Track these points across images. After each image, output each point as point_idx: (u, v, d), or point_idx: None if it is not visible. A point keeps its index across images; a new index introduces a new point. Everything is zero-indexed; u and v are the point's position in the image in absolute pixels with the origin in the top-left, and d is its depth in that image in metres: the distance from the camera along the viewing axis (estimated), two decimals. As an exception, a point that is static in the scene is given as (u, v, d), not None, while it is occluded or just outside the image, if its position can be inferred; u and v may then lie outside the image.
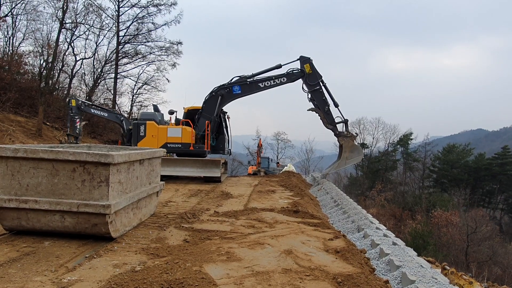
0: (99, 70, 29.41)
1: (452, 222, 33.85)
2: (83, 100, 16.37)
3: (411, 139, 50.99)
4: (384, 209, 41.48)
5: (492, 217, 45.05)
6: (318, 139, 50.70)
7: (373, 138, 52.34)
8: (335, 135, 14.06)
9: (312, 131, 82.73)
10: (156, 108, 15.02)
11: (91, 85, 28.77)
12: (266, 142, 54.12)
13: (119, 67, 29.89)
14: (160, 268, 3.96)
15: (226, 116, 14.35)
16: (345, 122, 13.93)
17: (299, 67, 13.76)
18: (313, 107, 13.80)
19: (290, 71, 13.68)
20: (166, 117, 14.69)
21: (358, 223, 6.96)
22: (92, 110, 16.27)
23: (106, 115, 16.63)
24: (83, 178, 4.64)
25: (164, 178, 12.84)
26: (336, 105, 13.80)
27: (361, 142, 48.92)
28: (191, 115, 13.80)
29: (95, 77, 29.21)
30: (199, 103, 14.06)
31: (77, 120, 15.48)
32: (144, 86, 31.77)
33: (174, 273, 3.86)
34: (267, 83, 13.49)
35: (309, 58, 13.82)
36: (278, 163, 36.66)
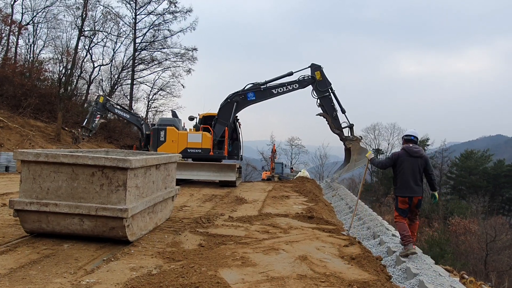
0: (116, 76, 30.04)
1: (471, 230, 33.04)
2: (109, 99, 16.95)
3: (428, 145, 50.11)
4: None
5: (513, 225, 43.85)
6: (332, 144, 50.39)
7: (388, 144, 51.76)
8: (341, 139, 14.42)
9: (326, 137, 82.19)
10: (174, 113, 15.23)
11: (108, 90, 29.38)
12: (280, 148, 54.09)
13: (135, 73, 30.45)
14: (176, 272, 4.00)
15: (238, 122, 14.49)
16: (351, 126, 14.31)
17: (310, 74, 14.04)
18: (322, 112, 14.17)
19: (302, 78, 13.99)
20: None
21: (373, 230, 6.89)
22: (116, 110, 16.77)
23: (128, 117, 17.04)
24: (102, 182, 4.73)
25: (179, 182, 13.03)
26: (343, 111, 14.19)
27: (376, 147, 48.44)
28: (206, 122, 13.97)
29: (112, 83, 29.85)
30: (214, 109, 14.25)
31: (98, 115, 15.95)
32: (159, 92, 32.27)
33: (190, 277, 3.89)
34: (280, 90, 13.69)
35: (320, 66, 14.20)
36: (292, 168, 36.58)
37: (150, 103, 32.19)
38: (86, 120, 16.21)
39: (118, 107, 17.58)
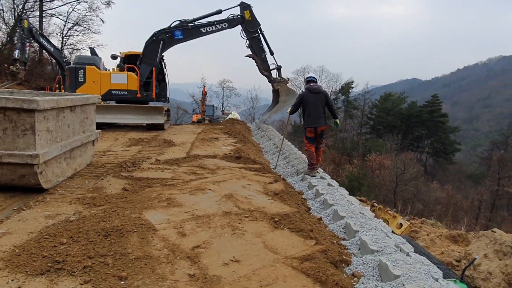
0: (20, 6, 26.08)
1: (384, 165, 36.76)
2: (34, 26, 15.02)
3: (352, 88, 52.99)
4: (325, 154, 43.69)
5: (419, 159, 49.57)
6: (264, 87, 50.75)
7: (317, 87, 53.47)
8: (269, 81, 14.54)
9: (257, 79, 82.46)
10: (93, 51, 13.87)
11: (12, 24, 25.59)
12: (212, 90, 53.22)
13: (44, 3, 26.71)
14: (97, 217, 3.88)
15: (163, 62, 13.74)
16: (279, 68, 14.43)
17: (239, 13, 13.54)
18: (251, 53, 13.98)
19: (231, 17, 13.44)
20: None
21: (297, 167, 7.28)
22: (41, 39, 14.91)
23: (52, 49, 15.27)
24: (5, 126, 4.25)
25: (102, 126, 12.27)
26: (272, 53, 14.15)
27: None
28: (130, 61, 12.96)
29: (15, 14, 25.92)
30: (139, 48, 13.23)
31: (27, 44, 14.12)
32: (75, 27, 28.97)
33: (112, 221, 3.81)
34: (209, 28, 13.06)
35: (249, 4, 13.78)
36: (223, 111, 36.46)
37: (65, 39, 28.89)
38: (17, 50, 14.17)
39: (44, 36, 15.65)
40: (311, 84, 7.03)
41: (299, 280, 2.90)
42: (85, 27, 28.92)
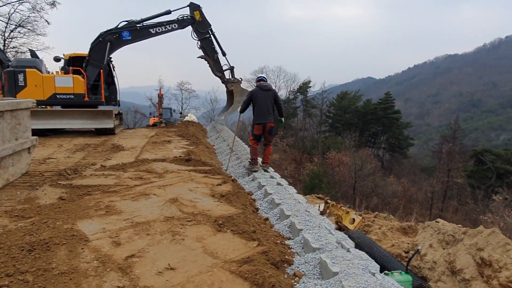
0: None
1: (343, 161, 37.72)
2: None
3: (310, 87, 53.94)
4: (286, 154, 44.22)
5: (376, 155, 51.39)
6: (222, 88, 50.46)
7: (275, 87, 54.01)
8: (222, 82, 14.42)
9: (216, 81, 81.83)
10: (34, 53, 13.00)
11: None
12: (170, 93, 52.19)
13: (-19, 3, 24.87)
14: (23, 230, 3.57)
15: (112, 64, 13.19)
16: (231, 69, 14.33)
17: (189, 14, 13.30)
18: (203, 54, 13.79)
19: (181, 17, 13.17)
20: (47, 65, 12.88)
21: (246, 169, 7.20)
22: None
23: None
24: None
25: (48, 132, 11.56)
26: (224, 54, 14.02)
27: (265, 90, 50.06)
28: (75, 63, 12.31)
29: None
30: (83, 50, 12.61)
31: None
32: (18, 29, 27.21)
33: (40, 233, 3.52)
34: (158, 29, 12.69)
35: (199, 5, 13.60)
36: (181, 113, 35.82)
37: (7, 42, 27.05)
38: None
39: None
40: (261, 82, 7.21)
41: (236, 285, 2.80)
42: (29, 29, 27.25)
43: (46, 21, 27.52)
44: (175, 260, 3.14)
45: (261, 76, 7.43)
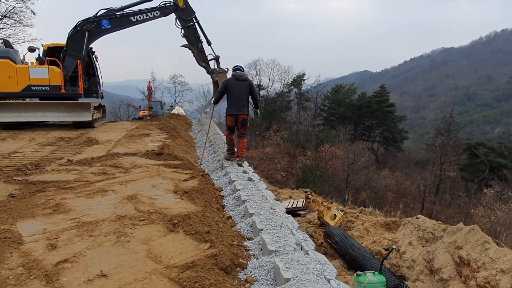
0: None
1: (337, 155, 37.47)
2: None
3: (304, 80, 53.45)
4: (280, 147, 43.95)
5: (371, 148, 51.19)
6: (216, 81, 49.89)
7: (269, 80, 53.55)
8: (208, 72, 13.74)
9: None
10: (8, 43, 12.55)
11: None
12: (163, 86, 51.69)
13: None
14: (-48, 232, 3.26)
15: (94, 55, 12.72)
16: (217, 58, 13.61)
17: (172, 0, 12.69)
18: (187, 43, 13.14)
19: (163, 4, 12.55)
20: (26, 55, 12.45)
21: (222, 162, 6.89)
22: None
23: None
24: None
25: (22, 125, 11.18)
26: (209, 43, 13.33)
27: (258, 83, 49.68)
28: (53, 54, 11.86)
29: None
30: (62, 40, 12.16)
31: None
32: (4, 20, 26.57)
33: (-30, 235, 3.21)
34: (139, 17, 12.15)
35: None
36: (171, 106, 35.37)
37: (-7, 33, 26.43)
38: None
39: None
40: (237, 71, 6.89)
41: (171, 294, 2.51)
42: (16, 20, 26.60)
43: (32, 11, 26.84)
44: (111, 265, 2.84)
45: (238, 66, 7.04)
